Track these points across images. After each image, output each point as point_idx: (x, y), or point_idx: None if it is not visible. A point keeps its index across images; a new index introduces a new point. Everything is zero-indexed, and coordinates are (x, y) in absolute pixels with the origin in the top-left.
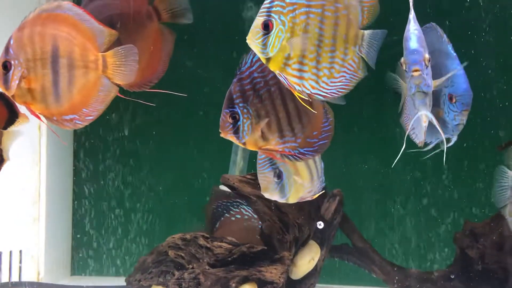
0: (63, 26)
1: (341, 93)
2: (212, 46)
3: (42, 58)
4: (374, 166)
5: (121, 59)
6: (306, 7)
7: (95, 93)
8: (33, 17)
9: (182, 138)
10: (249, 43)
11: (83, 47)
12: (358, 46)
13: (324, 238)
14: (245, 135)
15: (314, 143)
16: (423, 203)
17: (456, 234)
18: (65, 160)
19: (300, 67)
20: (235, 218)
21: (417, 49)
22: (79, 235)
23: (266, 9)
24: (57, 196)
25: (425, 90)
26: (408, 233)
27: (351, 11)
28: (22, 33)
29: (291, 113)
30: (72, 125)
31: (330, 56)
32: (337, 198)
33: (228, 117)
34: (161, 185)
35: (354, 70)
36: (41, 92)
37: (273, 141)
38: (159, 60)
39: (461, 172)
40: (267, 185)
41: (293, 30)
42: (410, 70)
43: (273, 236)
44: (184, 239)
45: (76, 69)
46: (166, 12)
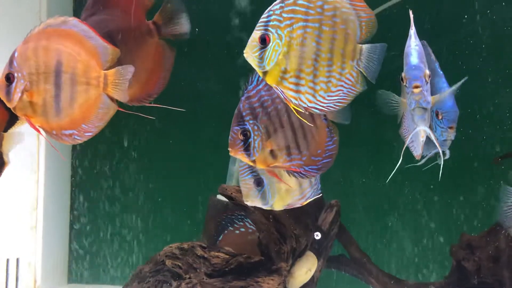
0: (68, 41)
1: (338, 106)
2: (211, 59)
3: (45, 72)
4: (371, 179)
5: (120, 78)
6: (303, 21)
7: (95, 110)
8: (39, 31)
9: (181, 148)
10: (246, 56)
11: (86, 63)
12: (356, 60)
13: (321, 249)
14: (256, 152)
15: (318, 161)
16: (419, 216)
17: (452, 247)
18: (63, 168)
19: (297, 81)
20: (239, 231)
21: (418, 64)
22: (76, 243)
23: (263, 23)
24: (54, 204)
25: (425, 106)
26: (405, 245)
27: (349, 25)
28: (27, 47)
29: (297, 131)
30: (71, 140)
31: (327, 70)
32: (335, 208)
33: (239, 134)
34: (159, 194)
35: (352, 84)
36: (42, 105)
37: (281, 158)
38: (159, 75)
39: (458, 185)
40: (247, 192)
41: (290, 44)
42: (410, 86)
43: (270, 247)
44: (182, 248)
45: (78, 85)
46: (166, 27)
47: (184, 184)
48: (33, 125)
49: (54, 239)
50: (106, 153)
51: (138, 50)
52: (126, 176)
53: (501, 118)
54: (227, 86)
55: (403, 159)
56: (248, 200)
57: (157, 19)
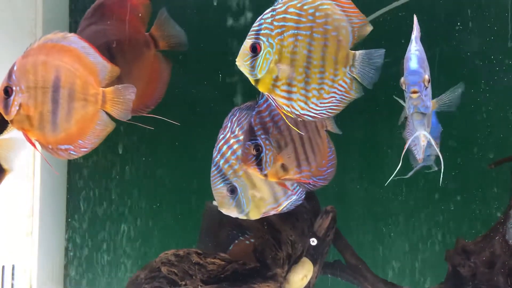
0: (67, 57)
1: (331, 113)
2: (206, 67)
3: (44, 87)
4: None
5: (119, 96)
6: (294, 29)
7: (92, 126)
8: (38, 46)
9: (177, 155)
10: (238, 65)
11: (84, 80)
12: (349, 67)
13: (317, 255)
14: (268, 166)
15: (324, 171)
16: (416, 221)
17: (448, 252)
18: (59, 175)
19: (289, 89)
20: (249, 241)
21: (417, 70)
22: (72, 249)
23: (254, 31)
24: (50, 210)
25: (423, 111)
26: (401, 251)
27: (341, 32)
28: (26, 61)
29: (305, 143)
30: (66, 155)
31: (319, 78)
32: (330, 214)
33: (252, 149)
34: (156, 200)
35: (346, 91)
36: (39, 120)
37: (291, 171)
38: (155, 87)
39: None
40: (222, 201)
41: (281, 52)
42: (409, 91)
43: (266, 253)
44: (177, 255)
45: (76, 101)
46: (163, 39)
47: (181, 190)
48: (29, 139)
49: (49, 246)
50: (102, 160)
51: (136, 62)
52: (122, 183)
53: (494, 124)
54: (222, 93)
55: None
56: (223, 208)
57: (154, 31)
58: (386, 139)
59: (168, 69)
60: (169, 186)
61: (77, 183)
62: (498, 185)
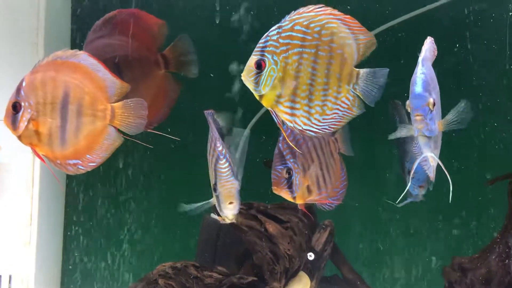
0: (76, 73)
1: (333, 129)
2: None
3: (52, 103)
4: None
5: (129, 111)
6: (299, 47)
7: (101, 141)
8: (47, 62)
9: (175, 167)
10: (243, 80)
11: (93, 96)
12: (352, 84)
13: (314, 269)
14: (298, 189)
15: (337, 192)
16: (412, 238)
17: (444, 268)
18: (58, 185)
19: (292, 105)
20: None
21: (421, 94)
22: (70, 259)
23: (260, 48)
24: (49, 220)
25: (427, 135)
26: (398, 266)
27: (346, 50)
28: (34, 77)
29: (323, 165)
30: (74, 169)
31: (322, 94)
32: (328, 229)
33: (284, 173)
34: (154, 211)
35: (348, 108)
36: (48, 135)
37: (314, 192)
38: (161, 106)
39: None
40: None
41: (285, 69)
42: (413, 115)
43: (263, 267)
44: (175, 267)
45: (84, 117)
46: (174, 62)
47: (179, 202)
48: (38, 154)
49: (47, 256)
50: (101, 170)
51: (143, 79)
52: (120, 193)
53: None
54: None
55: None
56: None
57: (167, 53)
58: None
59: (176, 90)
60: (169, 198)
61: (76, 193)
62: (494, 205)
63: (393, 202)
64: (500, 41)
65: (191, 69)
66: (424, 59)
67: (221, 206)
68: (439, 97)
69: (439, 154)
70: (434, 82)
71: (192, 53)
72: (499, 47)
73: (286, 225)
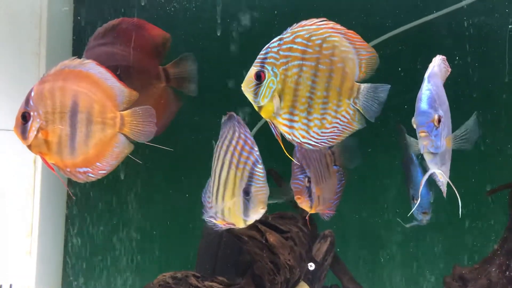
0: (84, 82)
1: (332, 142)
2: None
3: (61, 112)
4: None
5: (138, 118)
6: (299, 59)
7: (110, 149)
8: (55, 71)
9: (176, 177)
10: (243, 90)
11: (102, 104)
12: (353, 99)
13: (314, 279)
14: (314, 197)
15: (332, 203)
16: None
17: (445, 278)
18: (59, 194)
19: (291, 117)
20: None
21: (426, 110)
22: (71, 269)
23: (260, 60)
24: (49, 230)
25: (433, 151)
26: (398, 277)
27: (348, 64)
28: (43, 86)
29: (324, 177)
30: (85, 177)
31: (322, 108)
32: (329, 239)
33: (307, 182)
34: (155, 222)
35: (348, 122)
36: (57, 144)
37: (321, 202)
38: (159, 119)
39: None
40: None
41: (285, 82)
42: (418, 131)
43: (264, 277)
44: (175, 277)
45: (94, 125)
46: (175, 78)
47: (180, 213)
48: (48, 163)
49: (48, 265)
50: (102, 180)
51: (142, 91)
52: (122, 203)
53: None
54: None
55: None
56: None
57: (169, 67)
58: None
59: (175, 105)
60: (171, 208)
61: (77, 203)
62: (495, 215)
63: (401, 222)
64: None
65: (190, 88)
66: (430, 75)
67: (250, 210)
68: (449, 113)
69: (448, 170)
70: (442, 99)
71: (193, 72)
72: (498, 60)
73: (286, 235)
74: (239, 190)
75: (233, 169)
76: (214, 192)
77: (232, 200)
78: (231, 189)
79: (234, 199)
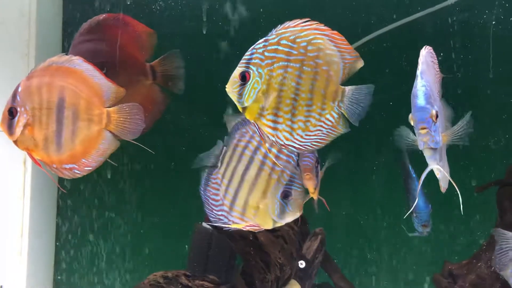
0: (71, 79)
1: (317, 146)
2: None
3: (48, 108)
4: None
5: (124, 115)
6: (284, 61)
7: (96, 145)
8: (43, 68)
9: (166, 175)
10: (227, 91)
11: (88, 100)
12: (337, 102)
13: (305, 277)
14: (319, 179)
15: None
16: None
17: (435, 275)
18: (49, 195)
19: (275, 118)
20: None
21: (424, 106)
22: (61, 270)
23: (245, 60)
24: (40, 231)
25: (433, 147)
26: (389, 274)
27: (332, 67)
28: (30, 82)
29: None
30: (71, 174)
31: (306, 110)
32: (319, 237)
33: (315, 161)
34: (145, 222)
35: (333, 125)
36: (44, 140)
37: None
38: (145, 116)
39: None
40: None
41: (269, 82)
42: (417, 128)
43: (254, 276)
44: (166, 277)
45: (80, 121)
46: (161, 75)
47: (170, 212)
48: (34, 159)
49: (39, 266)
50: (92, 181)
51: (128, 87)
52: (112, 204)
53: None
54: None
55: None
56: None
57: (155, 64)
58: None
59: (163, 102)
60: (161, 209)
61: (67, 203)
62: (483, 210)
63: (405, 229)
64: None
65: (177, 85)
66: (422, 71)
67: (287, 213)
68: (441, 109)
69: (447, 165)
70: (434, 94)
71: (180, 69)
72: (483, 56)
73: (276, 233)
74: (273, 192)
75: (266, 170)
76: (231, 191)
77: (264, 201)
78: (261, 190)
79: (265, 200)
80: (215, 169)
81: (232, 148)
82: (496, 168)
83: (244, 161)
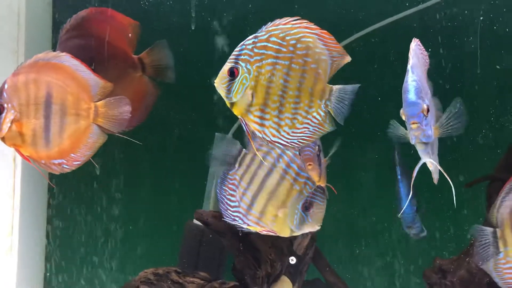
0: (58, 74)
1: (303, 143)
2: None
3: (35, 104)
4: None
5: (112, 108)
6: (273, 58)
7: (85, 140)
8: (29, 64)
9: (157, 172)
10: (216, 86)
11: (76, 95)
12: (324, 101)
13: (296, 274)
14: (323, 166)
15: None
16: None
17: (425, 271)
18: (40, 193)
19: (262, 115)
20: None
21: (415, 101)
22: (52, 269)
23: (234, 56)
24: (30, 230)
25: (425, 141)
26: (379, 270)
27: (321, 65)
28: (17, 78)
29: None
30: (59, 169)
31: (293, 107)
32: (310, 233)
33: (317, 150)
34: (136, 218)
35: (319, 123)
36: (32, 136)
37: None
38: (136, 109)
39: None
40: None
41: (258, 79)
42: (409, 122)
43: (245, 272)
44: (157, 274)
45: (68, 116)
46: (151, 66)
47: (161, 209)
48: (23, 155)
49: (29, 265)
50: (83, 178)
51: (118, 81)
52: (103, 201)
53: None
54: (200, 115)
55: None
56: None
57: (144, 56)
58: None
59: (153, 94)
60: (152, 206)
61: (58, 201)
62: (472, 205)
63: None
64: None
65: (167, 74)
66: (413, 66)
67: (306, 224)
68: (432, 102)
69: (438, 159)
70: (426, 88)
71: (169, 59)
72: (471, 52)
73: None
74: (294, 202)
75: (289, 180)
76: (248, 195)
77: (283, 209)
78: (281, 198)
79: (285, 209)
80: (232, 169)
81: (253, 152)
82: (484, 163)
83: (265, 167)
